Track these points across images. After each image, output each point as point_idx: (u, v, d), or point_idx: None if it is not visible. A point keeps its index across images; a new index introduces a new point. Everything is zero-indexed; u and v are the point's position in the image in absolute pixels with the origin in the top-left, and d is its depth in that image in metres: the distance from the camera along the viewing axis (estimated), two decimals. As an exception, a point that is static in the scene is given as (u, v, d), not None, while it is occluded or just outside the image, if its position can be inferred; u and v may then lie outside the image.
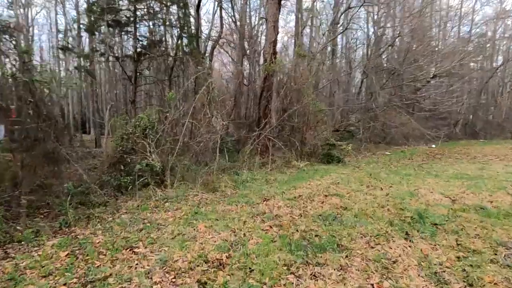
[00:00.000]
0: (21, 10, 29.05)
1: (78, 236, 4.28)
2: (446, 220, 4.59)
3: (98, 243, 4.02)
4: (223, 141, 9.24)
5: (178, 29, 14.73)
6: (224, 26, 19.50)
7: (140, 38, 14.50)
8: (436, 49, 25.87)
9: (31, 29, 32.52)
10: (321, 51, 15.42)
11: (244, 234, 4.09)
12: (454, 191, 6.27)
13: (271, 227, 4.37)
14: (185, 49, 15.45)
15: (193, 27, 16.66)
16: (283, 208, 5.23)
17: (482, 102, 32.58)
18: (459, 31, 30.73)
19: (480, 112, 32.26)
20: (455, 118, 28.67)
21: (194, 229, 4.37)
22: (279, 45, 24.87)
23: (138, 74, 14.51)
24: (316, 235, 4.04)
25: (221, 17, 18.62)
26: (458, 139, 26.19)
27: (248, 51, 16.56)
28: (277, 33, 11.23)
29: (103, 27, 13.33)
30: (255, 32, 18.08)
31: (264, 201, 5.77)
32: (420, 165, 10.59)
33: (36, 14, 45.82)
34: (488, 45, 32.01)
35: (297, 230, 4.20)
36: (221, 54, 27.70)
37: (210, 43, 20.85)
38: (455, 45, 25.35)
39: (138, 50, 14.30)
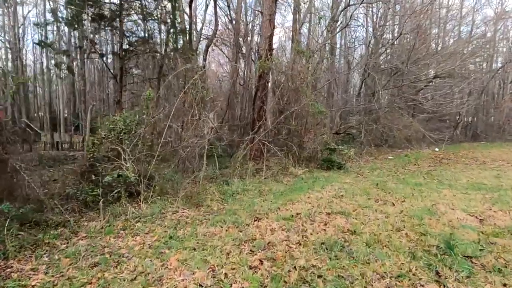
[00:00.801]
0: (11, 9, 28.11)
1: (13, 274, 3.31)
2: (480, 250, 3.68)
3: (33, 286, 3.05)
4: (212, 146, 8.30)
5: (168, 25, 13.78)
6: (219, 23, 18.60)
7: (126, 34, 13.53)
8: (438, 49, 25.20)
9: (22, 27, 31.56)
10: (320, 49, 14.51)
11: (226, 275, 3.13)
12: (478, 208, 5.35)
13: (261, 261, 3.42)
14: (175, 45, 14.53)
15: (186, 24, 15.76)
16: (278, 232, 4.28)
17: (481, 104, 31.85)
18: (459, 32, 30.05)
19: (480, 114, 31.60)
20: (455, 120, 27.98)
21: (163, 265, 3.41)
22: (276, 45, 24.03)
23: (124, 72, 13.52)
24: (319, 275, 3.09)
25: (215, 13, 17.70)
26: (460, 141, 25.52)
27: (244, 49, 15.61)
28: (273, 28, 10.31)
29: (86, 21, 12.36)
30: (251, 28, 17.15)
31: (255, 221, 4.82)
32: (428, 172, 9.69)
33: (28, 13, 44.78)
34: (488, 46, 31.28)
35: (294, 268, 3.25)
36: (218, 55, 26.80)
37: (204, 42, 19.94)
38: (456, 45, 24.66)
39: (124, 46, 13.35)
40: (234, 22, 16.68)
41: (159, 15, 14.33)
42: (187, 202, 5.86)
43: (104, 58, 17.73)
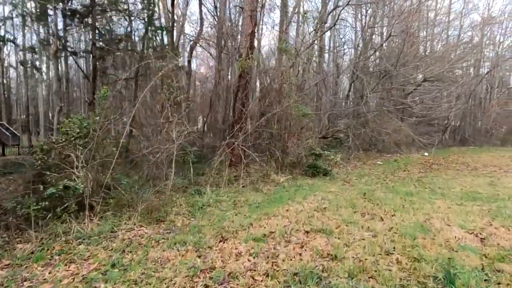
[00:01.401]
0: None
1: None
2: (486, 281, 3.02)
3: None
4: (185, 151, 7.53)
5: (144, 21, 13.00)
6: (204, 23, 17.86)
7: (102, 31, 12.69)
8: (426, 53, 25.07)
9: (3, 27, 30.15)
10: (308, 50, 13.89)
11: (163, 326, 2.39)
12: (477, 223, 4.73)
13: (215, 302, 2.69)
14: (155, 43, 13.78)
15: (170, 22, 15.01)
16: (243, 258, 3.55)
17: (469, 108, 31.89)
18: (447, 35, 30.06)
19: (468, 118, 31.61)
20: (444, 124, 27.84)
21: (88, 309, 2.65)
22: (266, 48, 23.44)
23: (98, 72, 12.66)
24: (286, 324, 2.38)
25: (200, 12, 16.98)
26: (449, 146, 25.34)
27: (229, 48, 14.89)
28: (255, 25, 9.66)
29: (54, 16, 11.49)
30: (235, 27, 16.44)
31: (220, 241, 4.08)
32: (419, 180, 9.11)
33: (9, 13, 43.33)
34: (475, 51, 31.31)
35: (255, 312, 2.53)
36: (208, 58, 26.08)
37: (186, 41, 19.21)
38: (444, 49, 24.58)
39: (99, 44, 12.51)
40: (218, 20, 15.98)
41: (137, 12, 13.55)
42: (147, 217, 5.08)
43: (82, 58, 16.78)
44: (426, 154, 17.88)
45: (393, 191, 7.32)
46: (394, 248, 3.76)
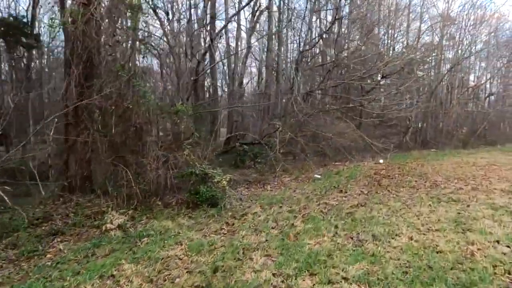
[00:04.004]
0: None
1: None
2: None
3: None
4: None
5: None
6: None
7: None
8: (385, 48, 22.85)
9: None
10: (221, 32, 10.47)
11: None
12: None
13: None
14: None
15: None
16: None
17: (430, 108, 30.27)
18: (407, 31, 28.21)
19: (429, 119, 30.00)
20: (406, 126, 25.75)
21: None
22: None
23: None
24: None
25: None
26: (410, 149, 22.99)
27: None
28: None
29: None
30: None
31: None
32: (351, 213, 5.79)
33: None
34: (434, 54, 29.67)
35: None
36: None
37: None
38: (404, 39, 22.38)
39: None
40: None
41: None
42: None
43: None
44: (381, 161, 14.96)
45: (288, 252, 3.90)
46: None
